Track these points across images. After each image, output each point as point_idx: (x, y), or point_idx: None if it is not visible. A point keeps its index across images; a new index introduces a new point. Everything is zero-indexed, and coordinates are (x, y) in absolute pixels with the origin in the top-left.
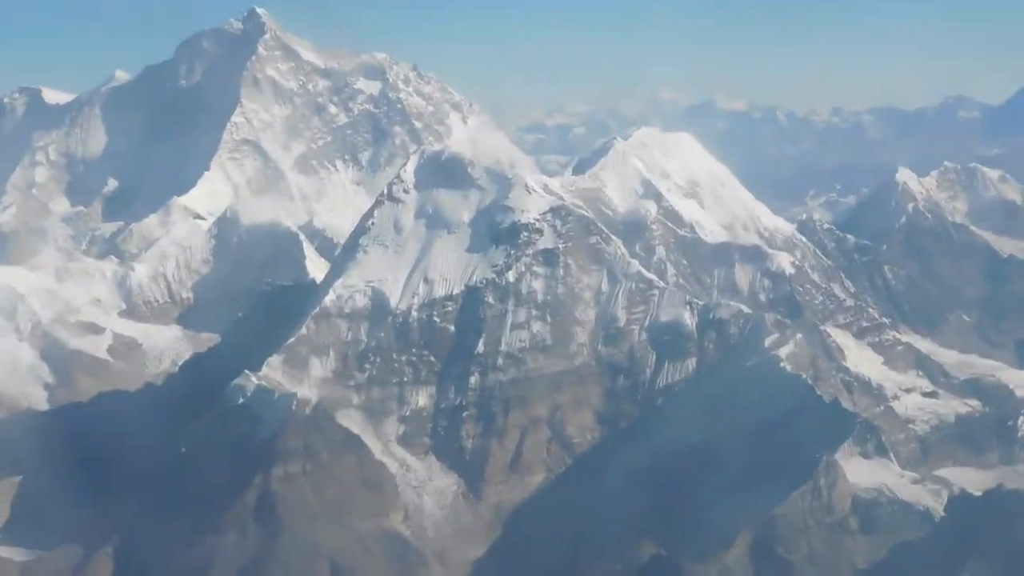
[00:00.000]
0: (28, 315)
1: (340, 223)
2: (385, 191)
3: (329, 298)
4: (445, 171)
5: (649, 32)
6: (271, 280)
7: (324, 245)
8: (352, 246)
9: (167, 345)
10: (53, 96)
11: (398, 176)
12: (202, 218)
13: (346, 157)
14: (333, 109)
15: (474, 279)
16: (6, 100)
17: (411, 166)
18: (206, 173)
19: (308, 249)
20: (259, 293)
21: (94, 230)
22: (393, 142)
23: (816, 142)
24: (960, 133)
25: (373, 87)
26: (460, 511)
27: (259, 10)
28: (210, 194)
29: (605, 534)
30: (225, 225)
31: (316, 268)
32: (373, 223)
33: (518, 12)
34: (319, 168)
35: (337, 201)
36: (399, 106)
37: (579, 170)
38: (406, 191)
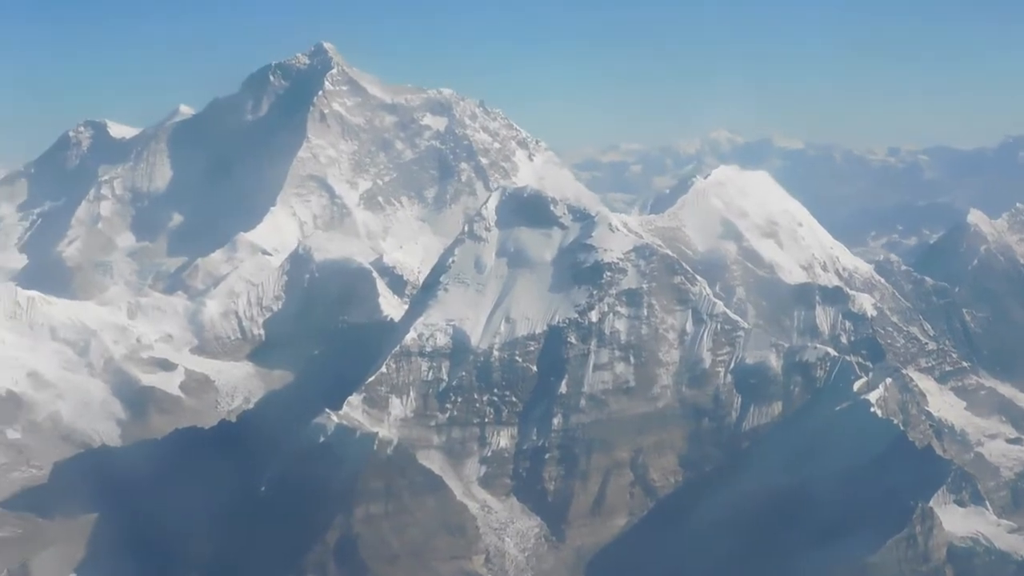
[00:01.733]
0: (100, 351)
1: (409, 260)
2: (466, 228)
3: (410, 336)
4: (527, 208)
5: (704, 71)
6: (345, 318)
7: (394, 282)
8: (433, 284)
9: (239, 382)
10: (118, 130)
11: (479, 213)
12: (268, 254)
13: (412, 193)
14: (399, 145)
15: (556, 319)
16: (72, 134)
17: (492, 203)
18: (272, 209)
19: (381, 286)
20: (334, 331)
21: (159, 265)
22: (459, 179)
23: (872, 182)
24: (1020, 174)
25: (439, 123)
26: (542, 554)
27: (326, 44)
28: (276, 230)
29: None
30: (297, 261)
31: (389, 306)
32: (454, 261)
33: (568, 50)
34: (385, 204)
35: (403, 238)
36: (465, 142)
37: (656, 208)
38: (487, 229)
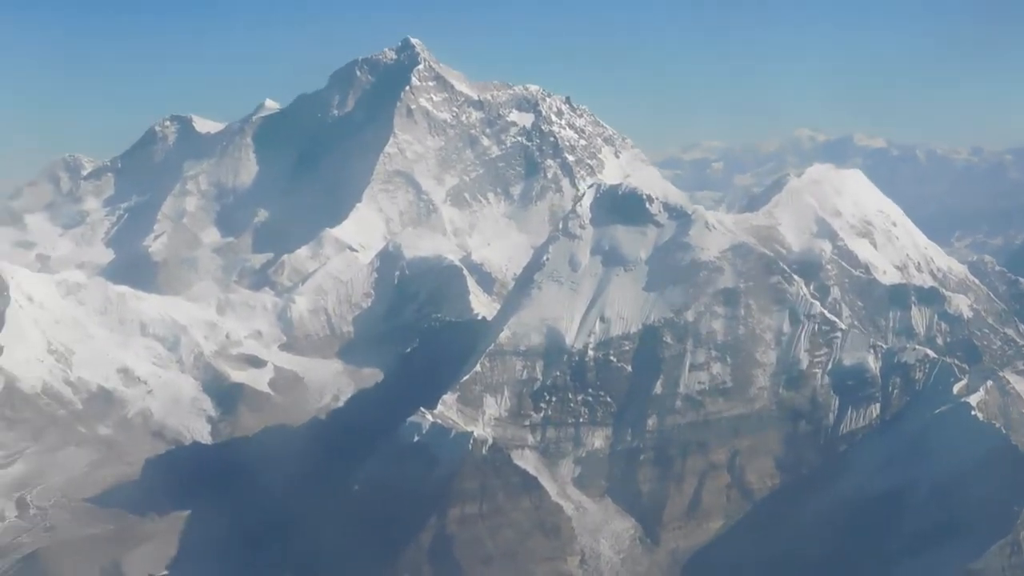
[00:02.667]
0: (190, 347)
1: (497, 258)
2: (560, 226)
3: (504, 335)
4: (622, 206)
5: (786, 69)
6: (438, 316)
7: (482, 280)
8: (526, 282)
9: (328, 379)
10: (204, 125)
11: (573, 211)
12: (354, 250)
13: (498, 190)
14: (486, 141)
15: (652, 318)
16: (158, 129)
17: (587, 200)
18: (358, 205)
19: (471, 284)
20: (425, 329)
21: (244, 261)
22: (545, 175)
23: (955, 181)
24: None
25: (526, 119)
26: (637, 556)
27: (413, 40)
28: (362, 226)
29: None
30: (387, 259)
31: (480, 304)
32: (548, 259)
33: (647, 47)
34: (471, 201)
35: (489, 235)
36: (552, 139)
37: (750, 207)
38: (582, 226)
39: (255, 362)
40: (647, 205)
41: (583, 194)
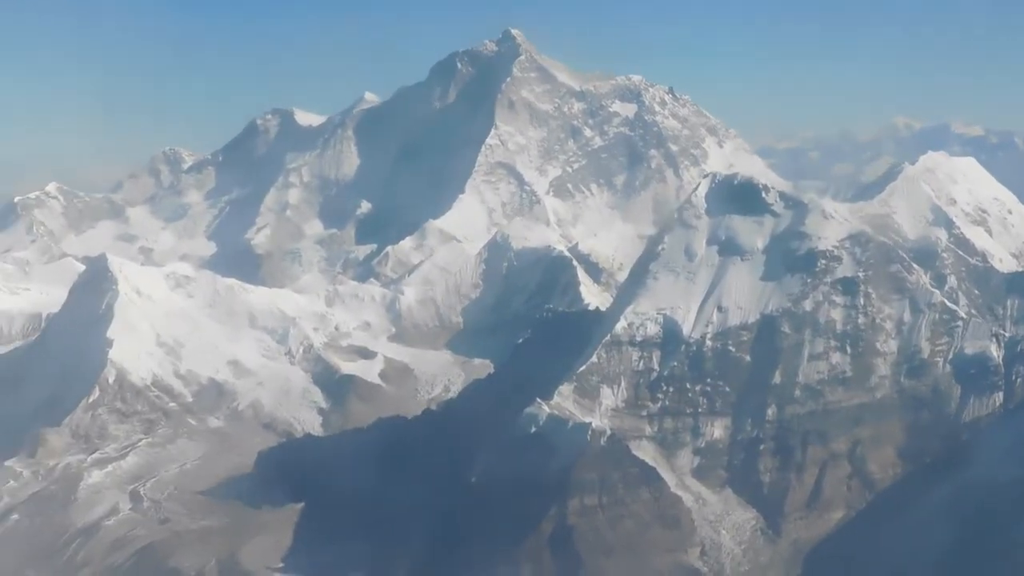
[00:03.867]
0: (300, 339)
1: (604, 248)
2: (676, 216)
3: (620, 325)
4: (738, 195)
5: (880, 56)
6: (549, 306)
7: (590, 270)
8: (641, 272)
9: (438, 370)
10: (305, 118)
11: (689, 201)
12: (458, 241)
13: (601, 181)
14: (588, 132)
15: (770, 308)
16: (259, 122)
17: (702, 190)
18: (460, 196)
19: (581, 274)
20: (535, 319)
21: (347, 253)
22: (648, 166)
23: None
24: None
25: (628, 110)
26: (759, 547)
27: (514, 31)
28: (465, 217)
29: (911, 574)
30: (495, 249)
31: (590, 294)
32: (663, 248)
33: (736, 35)
34: (574, 191)
35: (592, 225)
36: (655, 129)
37: (863, 196)
38: (697, 216)
39: (365, 353)
40: (763, 194)
41: (698, 184)
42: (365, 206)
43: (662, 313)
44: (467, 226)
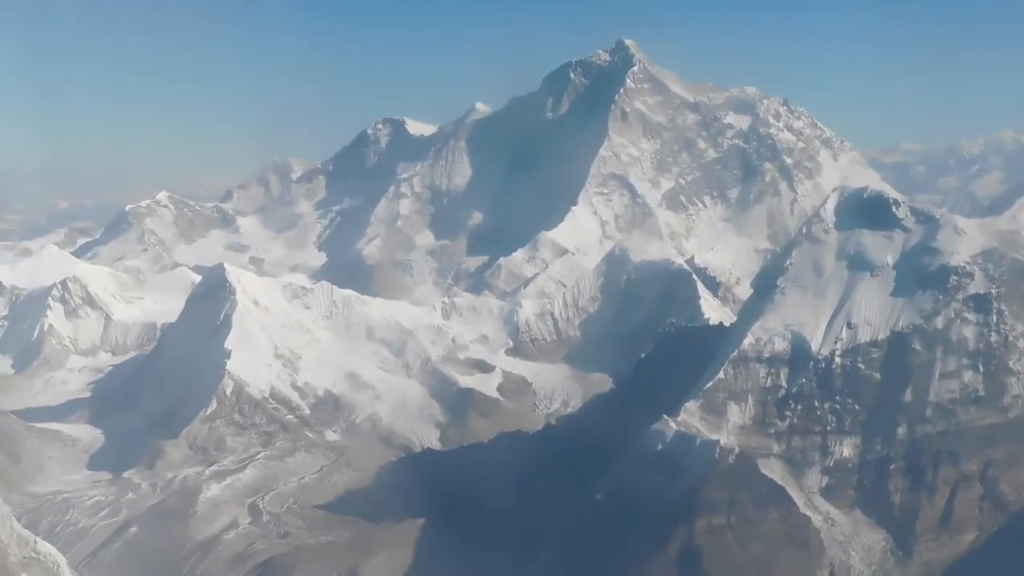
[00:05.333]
0: (417, 351)
1: (720, 262)
2: (804, 230)
3: (747, 341)
4: (867, 210)
5: (989, 69)
6: (671, 321)
7: (707, 284)
8: (768, 287)
9: (557, 384)
10: (416, 128)
11: (817, 215)
12: (570, 253)
13: (714, 193)
14: (702, 144)
15: (900, 324)
16: (370, 131)
17: (831, 204)
18: (573, 208)
19: (702, 289)
20: (660, 334)
21: (459, 264)
22: (763, 179)
23: None
24: None
25: (743, 122)
26: (888, 569)
27: (627, 41)
28: (577, 229)
29: None
30: (613, 262)
31: (710, 309)
32: (791, 263)
33: (848, 50)
34: (687, 204)
35: (706, 239)
36: (769, 142)
37: (989, 211)
38: (826, 230)
39: (483, 367)
40: (893, 209)
41: (827, 198)
42: (476, 217)
43: (790, 329)
44: (580, 238)
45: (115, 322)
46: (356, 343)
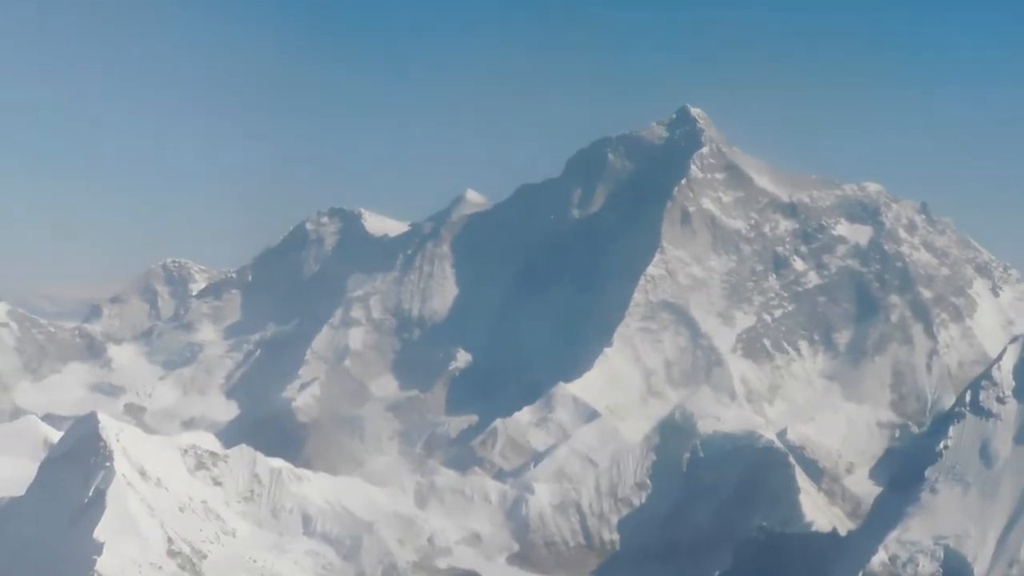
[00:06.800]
0: (377, 555)
1: (825, 439)
2: (967, 398)
3: (878, 559)
4: None
5: None
6: (762, 524)
7: (807, 470)
8: (910, 481)
9: None
10: (378, 223)
11: (987, 377)
12: (598, 414)
13: (815, 337)
14: (799, 264)
15: None
16: (310, 226)
17: (1009, 361)
18: (606, 349)
19: (802, 478)
20: (743, 543)
21: (435, 426)
22: (887, 318)
23: None
24: None
25: (860, 234)
26: None
27: (693, 110)
28: (611, 380)
29: None
30: (670, 432)
31: (814, 507)
32: (947, 446)
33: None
34: (773, 351)
35: (799, 403)
36: (899, 264)
37: None
38: (1001, 399)
39: None
40: None
41: (1003, 352)
42: (462, 358)
43: (942, 544)
44: (615, 394)
45: None
46: (287, 538)
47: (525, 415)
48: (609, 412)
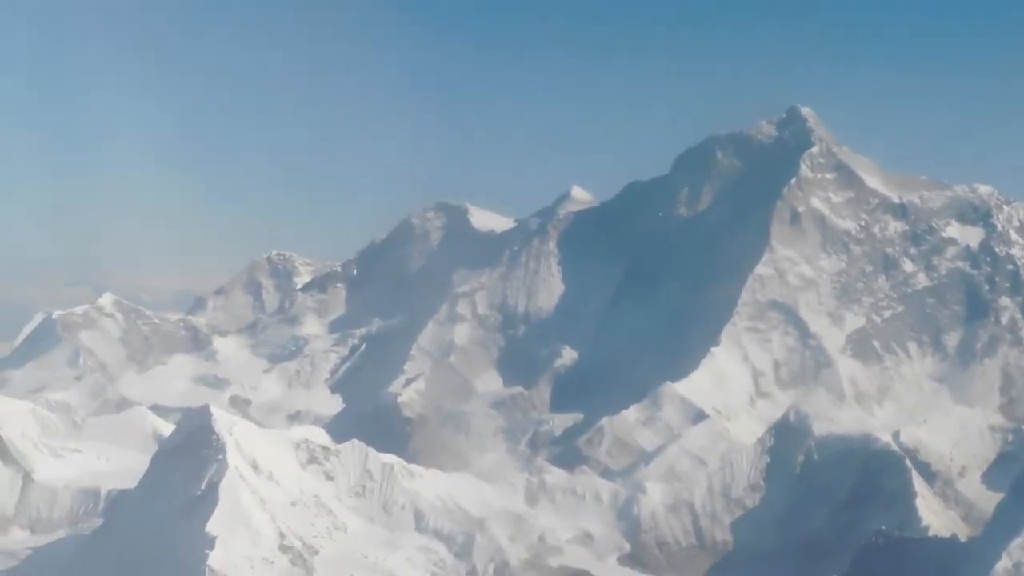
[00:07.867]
0: (489, 552)
1: (938, 442)
2: None
3: (1002, 566)
4: None
5: None
6: (881, 527)
7: (920, 472)
8: None
9: None
10: (484, 219)
11: None
12: (705, 415)
13: (924, 339)
14: (909, 265)
15: None
16: (415, 221)
17: None
18: (713, 349)
19: (918, 481)
20: (862, 547)
21: (538, 423)
22: (997, 320)
23: None
24: None
25: (971, 236)
26: None
27: (804, 110)
28: (718, 380)
29: None
30: (785, 435)
31: (930, 511)
32: None
33: None
34: (883, 352)
35: (908, 405)
36: (1010, 266)
37: None
38: None
39: None
40: None
41: None
42: (568, 355)
43: None
44: (723, 395)
45: (36, 484)
46: (399, 534)
47: (632, 414)
48: (716, 412)
